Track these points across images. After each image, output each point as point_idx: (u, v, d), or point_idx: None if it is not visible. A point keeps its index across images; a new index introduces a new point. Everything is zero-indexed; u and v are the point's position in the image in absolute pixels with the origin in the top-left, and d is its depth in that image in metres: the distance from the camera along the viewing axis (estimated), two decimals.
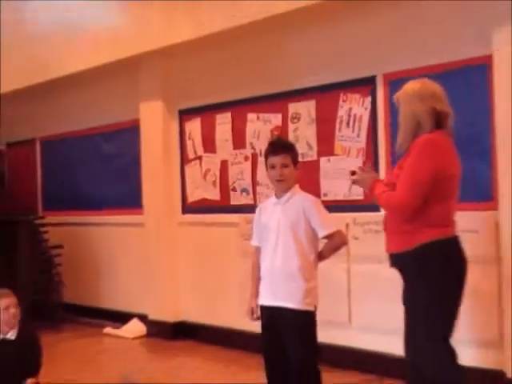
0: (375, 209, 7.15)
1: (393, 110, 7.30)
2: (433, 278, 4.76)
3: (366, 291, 7.53)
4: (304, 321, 5.25)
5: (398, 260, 4.95)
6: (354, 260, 7.63)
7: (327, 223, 5.52)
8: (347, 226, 7.64)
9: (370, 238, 7.47)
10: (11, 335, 6.38)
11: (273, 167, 5.55)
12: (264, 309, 5.61)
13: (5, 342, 6.35)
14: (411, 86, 4.98)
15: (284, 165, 5.48)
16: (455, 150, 4.93)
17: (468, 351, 6.70)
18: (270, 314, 5.57)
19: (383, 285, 7.09)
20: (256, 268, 5.72)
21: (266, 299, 5.58)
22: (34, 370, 6.41)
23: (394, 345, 6.29)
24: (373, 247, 7.27)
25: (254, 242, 5.77)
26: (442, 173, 4.71)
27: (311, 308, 5.45)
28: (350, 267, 7.74)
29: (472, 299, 6.66)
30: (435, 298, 4.78)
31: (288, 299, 5.45)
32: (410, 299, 4.94)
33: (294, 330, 5.39)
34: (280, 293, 5.49)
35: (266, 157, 5.66)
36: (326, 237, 5.52)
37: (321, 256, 5.60)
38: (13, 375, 6.27)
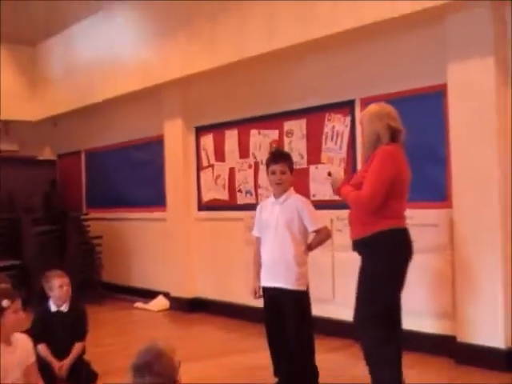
0: None
1: None
2: (382, 260, 4.78)
3: (347, 274, 7.51)
4: (298, 298, 5.27)
5: (357, 245, 4.94)
6: (337, 249, 7.62)
7: (315, 220, 5.59)
8: (332, 221, 7.62)
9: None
10: (64, 308, 6.38)
11: (273, 173, 5.59)
12: (266, 289, 5.65)
13: (59, 313, 6.36)
14: (372, 108, 4.99)
15: (282, 171, 5.54)
16: (406, 160, 4.95)
17: (428, 321, 6.77)
18: (271, 294, 5.61)
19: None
20: (257, 255, 5.76)
21: (268, 282, 5.62)
22: (82, 335, 6.43)
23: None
24: None
25: (256, 233, 5.81)
26: (397, 177, 4.73)
27: (304, 288, 5.52)
28: (334, 254, 7.74)
29: (431, 279, 6.72)
30: (382, 277, 4.78)
31: (285, 281, 5.50)
32: (362, 276, 4.93)
33: (290, 306, 5.45)
34: (279, 276, 5.53)
35: (268, 164, 5.69)
36: (315, 231, 5.61)
37: (310, 247, 5.67)
38: (66, 340, 6.31)
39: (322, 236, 5.69)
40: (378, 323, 4.79)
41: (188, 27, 9.00)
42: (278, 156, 5.78)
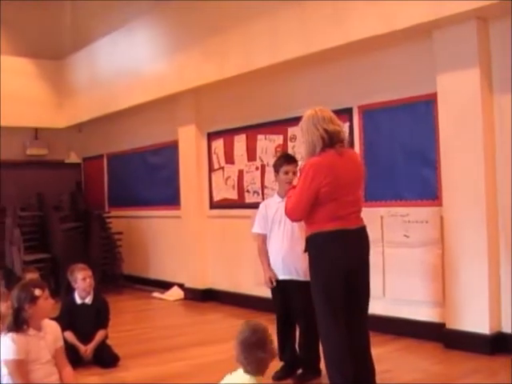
0: None
1: (365, 133, 7.34)
2: (312, 263, 4.62)
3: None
4: (307, 287, 5.11)
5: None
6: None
7: None
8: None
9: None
10: (88, 301, 6.40)
11: (286, 173, 5.54)
12: (277, 281, 5.60)
13: (84, 305, 6.39)
14: (308, 114, 4.69)
15: (294, 172, 5.48)
16: (347, 163, 4.58)
17: (420, 309, 6.75)
18: (282, 285, 5.58)
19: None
20: (263, 248, 5.71)
21: (279, 274, 5.59)
22: (104, 324, 6.46)
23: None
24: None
25: (257, 230, 5.74)
26: (320, 187, 4.43)
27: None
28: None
29: (423, 270, 6.70)
30: (317, 279, 4.60)
31: (296, 273, 5.47)
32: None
33: (301, 296, 5.32)
34: (289, 269, 5.51)
35: (281, 165, 5.60)
36: None
37: None
38: (90, 328, 6.35)
39: None
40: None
41: (200, 42, 8.99)
42: (292, 157, 5.76)
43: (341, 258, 4.50)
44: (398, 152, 7.01)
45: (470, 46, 6.07)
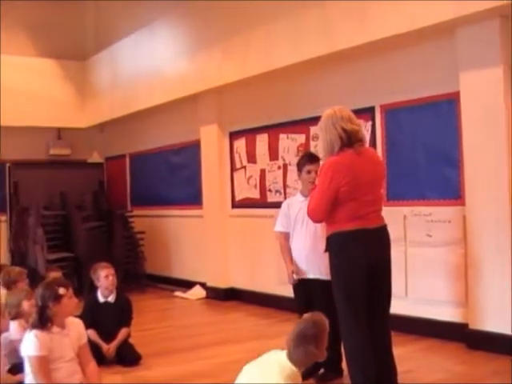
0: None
1: (387, 132, 7.32)
2: (333, 262, 4.65)
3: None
4: (329, 287, 5.09)
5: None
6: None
7: None
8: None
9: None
10: (111, 299, 6.45)
11: (309, 172, 5.53)
12: (299, 280, 5.61)
13: (107, 304, 6.44)
14: (326, 114, 4.69)
15: (316, 171, 5.40)
16: (366, 163, 4.58)
17: (443, 309, 6.71)
18: (304, 284, 5.59)
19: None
20: (286, 245, 5.70)
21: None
22: (127, 322, 6.52)
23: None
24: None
25: (280, 228, 5.73)
26: (339, 187, 4.45)
27: None
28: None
29: (446, 270, 6.67)
30: (339, 278, 4.62)
31: (320, 272, 5.45)
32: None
33: (324, 294, 5.24)
34: (312, 268, 5.52)
35: (304, 164, 5.59)
36: None
37: None
38: (113, 327, 6.41)
39: None
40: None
41: (222, 42, 9.02)
42: (315, 157, 5.70)
43: (361, 257, 4.50)
44: (421, 151, 6.98)
45: (492, 44, 6.03)
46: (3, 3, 12.22)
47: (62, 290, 4.47)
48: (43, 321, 4.38)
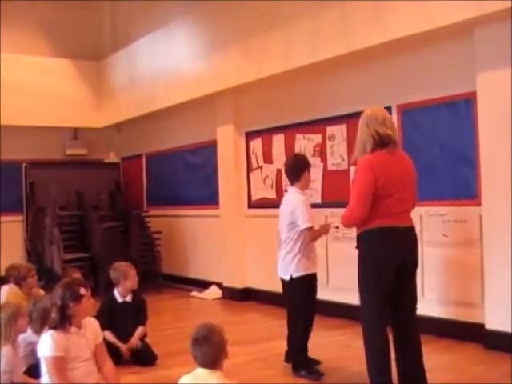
0: None
1: (404, 132, 7.34)
2: (362, 259, 4.72)
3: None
4: None
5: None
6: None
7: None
8: None
9: None
10: (129, 299, 6.54)
11: (308, 172, 6.01)
12: (310, 276, 5.98)
13: (125, 303, 6.53)
14: (363, 114, 4.80)
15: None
16: (397, 163, 4.69)
17: (459, 309, 6.74)
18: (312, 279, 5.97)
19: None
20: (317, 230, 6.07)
21: (312, 268, 5.99)
22: (143, 320, 6.61)
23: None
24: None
25: (311, 223, 5.84)
26: (374, 183, 4.52)
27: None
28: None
29: (462, 270, 6.69)
30: (365, 275, 4.72)
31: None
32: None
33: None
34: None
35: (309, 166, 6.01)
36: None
37: None
38: (130, 325, 6.51)
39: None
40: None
41: (239, 42, 9.09)
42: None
43: (390, 256, 4.59)
44: (437, 151, 7.02)
45: (510, 44, 6.05)
46: (20, 3, 12.36)
47: (82, 290, 4.52)
48: (62, 321, 4.41)
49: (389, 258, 4.59)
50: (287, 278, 5.97)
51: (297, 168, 5.97)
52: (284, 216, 5.98)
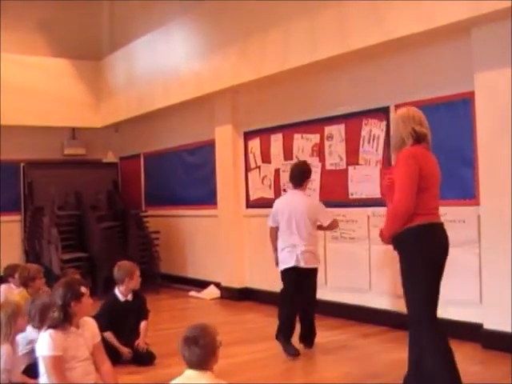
0: None
1: None
2: (407, 257, 4.66)
3: (383, 264, 7.55)
4: None
5: (393, 242, 4.74)
6: (373, 242, 7.64)
7: None
8: (368, 217, 7.69)
9: None
10: (130, 297, 6.57)
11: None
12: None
13: (127, 302, 6.56)
14: (399, 112, 4.86)
15: None
16: (433, 158, 4.76)
17: (457, 309, 6.72)
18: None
19: (395, 259, 7.12)
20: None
21: None
22: (146, 315, 6.70)
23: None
24: None
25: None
26: (420, 172, 4.52)
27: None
28: (370, 247, 7.76)
29: (460, 270, 6.68)
30: (414, 272, 4.63)
31: None
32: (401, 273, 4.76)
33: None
34: None
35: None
36: None
37: None
38: (135, 324, 6.57)
39: None
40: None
41: (238, 42, 9.10)
42: None
43: (441, 253, 4.64)
44: (435, 151, 6.92)
45: (508, 44, 6.06)
46: (19, 3, 12.36)
47: (83, 289, 4.54)
48: (63, 320, 4.41)
49: (440, 255, 4.64)
50: (317, 265, 6.89)
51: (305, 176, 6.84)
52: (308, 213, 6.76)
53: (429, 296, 4.64)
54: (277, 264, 7.01)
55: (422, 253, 4.59)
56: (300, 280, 6.75)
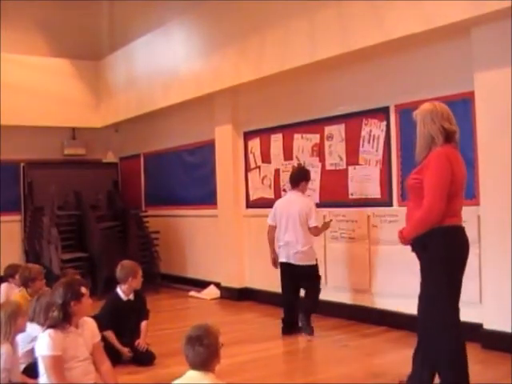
0: (389, 204, 7.25)
1: (402, 132, 7.36)
2: (436, 260, 4.56)
3: (383, 264, 7.56)
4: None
5: (413, 245, 4.66)
6: (373, 242, 7.65)
7: None
8: (368, 217, 7.69)
9: (384, 226, 7.48)
10: (131, 297, 6.58)
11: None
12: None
13: (129, 302, 6.57)
14: (425, 108, 4.64)
15: None
16: (461, 159, 4.66)
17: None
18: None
19: (394, 259, 7.14)
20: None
21: None
22: (146, 315, 6.74)
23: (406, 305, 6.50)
24: (387, 233, 7.30)
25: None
26: (452, 176, 4.44)
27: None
28: (370, 247, 7.76)
29: None
30: (437, 276, 4.58)
31: None
32: (422, 277, 4.70)
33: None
34: None
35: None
36: None
37: None
38: (136, 323, 6.61)
39: None
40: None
41: (237, 42, 9.10)
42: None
43: (461, 256, 4.60)
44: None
45: (508, 44, 6.06)
46: (18, 3, 12.37)
47: (83, 289, 4.56)
48: (63, 320, 4.42)
49: (465, 259, 4.61)
50: (313, 263, 7.38)
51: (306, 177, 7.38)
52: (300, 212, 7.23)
53: (453, 298, 4.61)
54: (273, 264, 7.54)
55: (450, 255, 4.54)
56: (296, 273, 7.41)
